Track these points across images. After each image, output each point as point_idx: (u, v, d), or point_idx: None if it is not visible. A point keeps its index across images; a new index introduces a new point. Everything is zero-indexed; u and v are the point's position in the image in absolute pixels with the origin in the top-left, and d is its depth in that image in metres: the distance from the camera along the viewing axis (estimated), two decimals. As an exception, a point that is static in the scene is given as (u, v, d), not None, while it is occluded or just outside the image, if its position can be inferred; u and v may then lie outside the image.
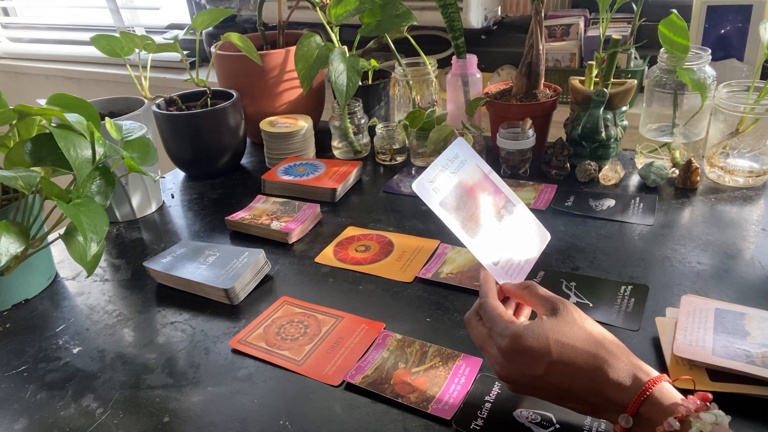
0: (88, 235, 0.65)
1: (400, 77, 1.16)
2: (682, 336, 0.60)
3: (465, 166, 0.63)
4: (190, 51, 1.99)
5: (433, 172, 0.60)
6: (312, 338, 0.68)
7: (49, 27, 2.53)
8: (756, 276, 0.72)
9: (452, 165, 0.62)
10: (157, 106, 1.09)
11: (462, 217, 0.60)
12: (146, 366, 0.67)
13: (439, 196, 0.59)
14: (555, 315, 0.52)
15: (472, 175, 0.63)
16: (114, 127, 0.80)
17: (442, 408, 0.57)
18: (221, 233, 0.93)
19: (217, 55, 1.18)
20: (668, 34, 0.90)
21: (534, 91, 1.03)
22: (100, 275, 0.85)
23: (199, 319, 0.74)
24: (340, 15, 1.03)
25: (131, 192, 0.98)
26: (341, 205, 0.99)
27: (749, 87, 0.90)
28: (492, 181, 0.64)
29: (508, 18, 1.65)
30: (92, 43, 1.00)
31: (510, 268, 0.61)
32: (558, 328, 0.50)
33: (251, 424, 0.58)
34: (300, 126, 1.11)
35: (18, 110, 0.70)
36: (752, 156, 0.92)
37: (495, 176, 0.65)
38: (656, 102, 0.97)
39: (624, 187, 0.96)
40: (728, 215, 0.86)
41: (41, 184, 0.68)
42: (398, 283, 0.77)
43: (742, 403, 0.54)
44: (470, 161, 0.63)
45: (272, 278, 0.81)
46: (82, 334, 0.73)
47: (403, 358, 0.64)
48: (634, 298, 0.70)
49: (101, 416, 0.60)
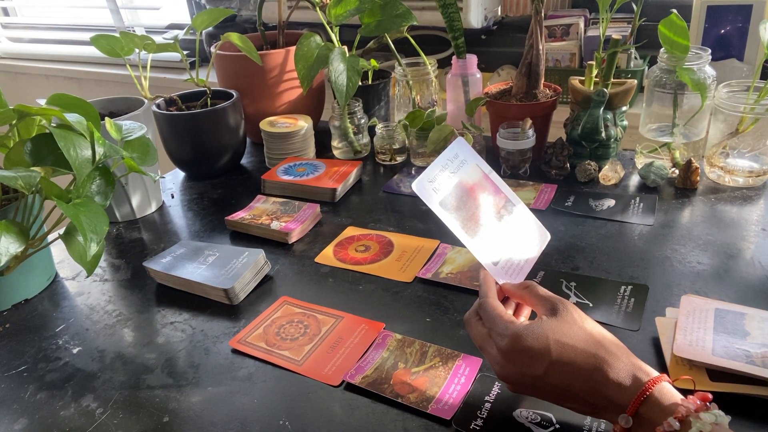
0: (88, 235, 0.65)
1: (400, 77, 1.16)
2: (682, 336, 0.60)
3: (465, 166, 0.62)
4: (190, 51, 1.99)
5: (432, 172, 0.60)
6: (312, 338, 0.68)
7: (49, 27, 2.52)
8: (756, 276, 0.72)
9: (452, 165, 0.62)
10: (157, 106, 1.09)
11: (462, 217, 0.60)
12: (146, 366, 0.67)
13: (439, 196, 0.59)
14: (555, 315, 0.52)
15: (472, 175, 0.63)
16: (114, 127, 0.80)
17: (442, 408, 0.57)
18: (221, 233, 0.93)
19: (217, 55, 1.18)
20: (668, 34, 0.90)
21: (534, 91, 1.03)
22: (100, 275, 0.85)
23: (199, 319, 0.74)
24: (340, 15, 1.03)
25: (131, 192, 0.98)
26: (341, 205, 0.99)
27: (749, 87, 0.90)
28: (492, 181, 0.64)
29: (508, 18, 1.65)
30: (92, 43, 1.00)
31: (510, 268, 0.61)
32: (558, 328, 0.50)
33: (251, 424, 0.58)
34: (300, 126, 1.11)
35: (18, 110, 0.70)
36: (752, 156, 0.92)
37: (495, 176, 0.65)
38: (656, 102, 0.97)
39: (624, 187, 0.96)
40: (728, 215, 0.86)
41: (41, 184, 0.68)
42: (398, 283, 0.77)
43: (742, 403, 0.54)
44: (470, 161, 0.63)
45: (272, 278, 0.81)
46: (82, 334, 0.73)
47: (403, 358, 0.64)
48: (634, 298, 0.70)
49: (101, 416, 0.60)
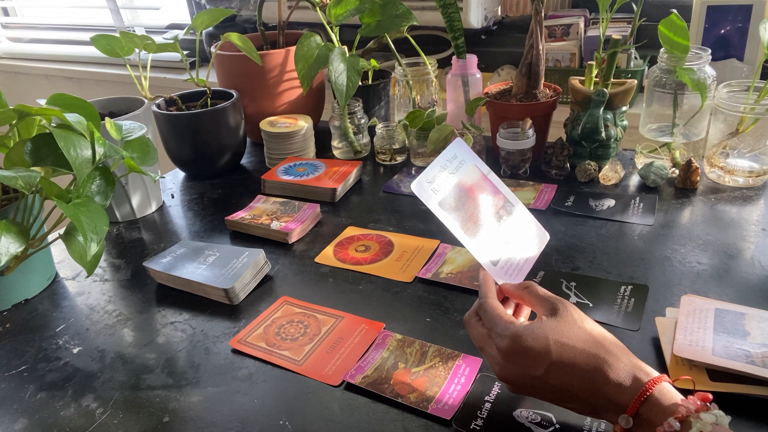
0: (88, 235, 0.65)
1: (400, 77, 1.16)
2: (682, 336, 0.60)
3: (464, 166, 0.62)
4: (190, 51, 1.99)
5: (431, 173, 0.60)
6: (312, 338, 0.68)
7: (49, 27, 2.52)
8: (756, 276, 0.72)
9: (451, 165, 0.62)
10: (157, 106, 1.09)
11: (461, 217, 0.60)
12: (146, 366, 0.67)
13: (438, 196, 0.59)
14: (554, 315, 0.52)
15: (470, 175, 0.63)
16: (114, 127, 0.80)
17: (442, 408, 0.57)
18: (221, 233, 0.93)
19: (217, 55, 1.18)
20: (668, 34, 0.90)
21: (534, 91, 1.03)
22: (100, 275, 0.85)
23: (199, 319, 0.74)
24: (340, 15, 1.03)
25: (131, 192, 0.98)
26: (341, 205, 0.99)
27: (749, 87, 0.90)
28: (491, 182, 0.64)
29: (508, 18, 1.65)
30: (92, 43, 1.00)
31: (509, 268, 0.61)
32: (558, 328, 0.50)
33: (251, 424, 0.58)
34: (300, 126, 1.11)
35: (18, 110, 0.70)
36: (752, 156, 0.92)
37: (494, 177, 0.65)
38: (656, 102, 0.97)
39: (624, 187, 0.96)
40: (728, 215, 0.86)
41: (41, 184, 0.68)
42: (398, 283, 0.77)
43: (742, 403, 0.54)
44: (468, 161, 0.63)
45: (272, 278, 0.81)
46: (82, 334, 0.73)
47: (403, 358, 0.64)
48: (634, 298, 0.70)
49: (101, 416, 0.60)
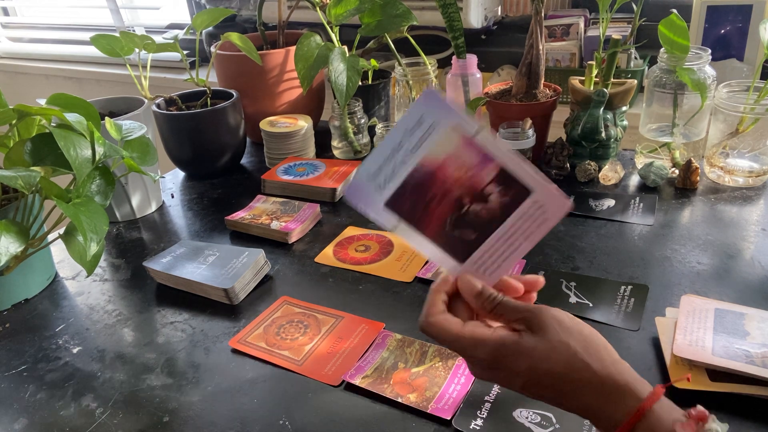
0: (87, 235, 0.65)
1: (400, 77, 1.16)
2: (682, 336, 0.60)
3: (434, 133, 0.46)
4: (190, 51, 1.99)
5: (375, 161, 0.45)
6: (312, 338, 0.68)
7: (49, 27, 2.52)
8: (756, 276, 0.72)
9: (411, 139, 0.46)
10: (157, 105, 1.09)
11: (416, 218, 0.48)
12: (146, 366, 0.67)
13: (387, 191, 0.46)
14: (532, 332, 0.45)
15: (443, 145, 0.46)
16: (114, 127, 0.80)
17: (442, 408, 0.57)
18: (221, 233, 0.93)
19: (217, 55, 1.18)
20: (668, 34, 0.90)
21: (534, 91, 1.03)
22: (100, 275, 0.85)
23: (198, 318, 0.74)
24: (340, 15, 1.03)
25: (131, 192, 0.98)
26: (341, 205, 0.99)
27: (749, 87, 0.90)
28: (478, 147, 0.46)
29: (508, 18, 1.65)
30: (92, 43, 1.00)
31: (488, 261, 0.48)
32: (534, 352, 0.44)
33: (251, 424, 0.58)
34: (300, 126, 1.11)
35: (18, 110, 0.70)
36: (752, 156, 0.92)
37: (486, 137, 0.46)
38: (656, 102, 0.97)
39: (624, 187, 0.96)
40: (728, 215, 0.86)
41: (41, 184, 0.68)
42: (398, 283, 0.77)
43: (742, 403, 0.54)
44: (443, 123, 0.45)
45: (272, 278, 0.81)
46: (82, 333, 0.73)
47: (403, 358, 0.64)
48: (634, 298, 0.70)
49: (101, 416, 0.60)
